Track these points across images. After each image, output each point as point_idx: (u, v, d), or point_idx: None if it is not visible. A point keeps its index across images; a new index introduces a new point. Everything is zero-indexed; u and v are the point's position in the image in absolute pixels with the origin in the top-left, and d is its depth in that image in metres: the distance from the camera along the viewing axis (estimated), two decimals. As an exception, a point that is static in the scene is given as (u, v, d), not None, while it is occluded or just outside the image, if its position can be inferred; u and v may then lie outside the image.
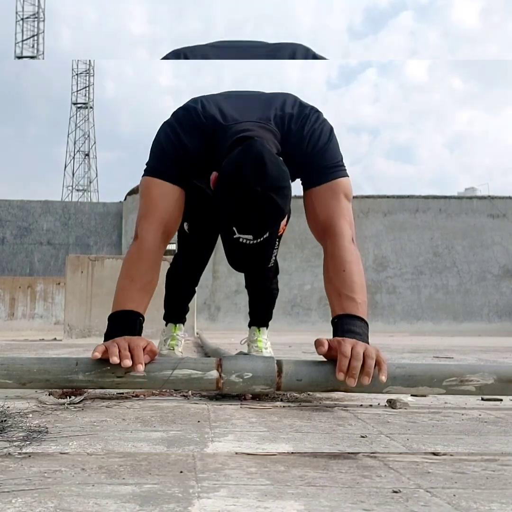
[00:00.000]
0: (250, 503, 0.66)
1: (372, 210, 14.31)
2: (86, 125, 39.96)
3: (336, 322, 1.53)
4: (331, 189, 1.61)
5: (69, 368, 1.43)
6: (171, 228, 1.67)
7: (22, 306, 11.16)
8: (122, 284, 1.59)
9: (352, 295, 1.54)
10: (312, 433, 1.10)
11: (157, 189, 1.63)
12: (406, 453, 0.94)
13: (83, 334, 6.36)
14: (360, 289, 1.57)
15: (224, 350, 2.86)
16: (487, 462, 0.88)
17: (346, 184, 1.65)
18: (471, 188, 17.03)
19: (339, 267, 1.57)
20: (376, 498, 0.69)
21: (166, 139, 1.64)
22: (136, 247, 1.62)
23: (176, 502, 0.66)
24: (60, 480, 0.74)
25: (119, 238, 14.42)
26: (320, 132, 1.62)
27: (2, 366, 1.42)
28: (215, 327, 12.39)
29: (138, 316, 1.55)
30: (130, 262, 1.61)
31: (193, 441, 1.01)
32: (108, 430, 1.09)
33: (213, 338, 5.85)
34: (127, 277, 1.59)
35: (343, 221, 1.61)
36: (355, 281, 1.56)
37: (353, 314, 1.52)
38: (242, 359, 1.49)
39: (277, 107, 1.63)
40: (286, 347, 4.56)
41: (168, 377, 1.42)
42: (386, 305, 14.10)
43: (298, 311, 13.62)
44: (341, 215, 1.61)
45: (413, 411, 1.40)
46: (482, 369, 1.47)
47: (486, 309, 14.12)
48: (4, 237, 14.41)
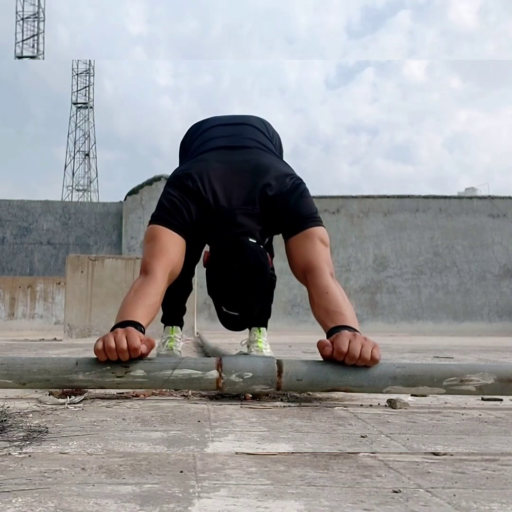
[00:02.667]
0: (250, 503, 0.66)
1: (372, 210, 14.31)
2: (86, 125, 39.97)
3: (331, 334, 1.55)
4: (307, 236, 1.79)
5: (69, 368, 1.43)
6: (176, 271, 1.80)
7: (22, 306, 11.15)
8: (128, 301, 1.64)
9: (340, 311, 1.61)
10: (312, 433, 1.10)
11: (165, 236, 1.78)
12: (406, 453, 0.94)
13: (83, 334, 6.36)
14: (346, 306, 1.64)
15: (224, 350, 2.85)
16: (487, 462, 0.88)
17: (321, 231, 1.83)
18: (471, 188, 17.01)
19: (322, 290, 1.68)
20: (376, 498, 0.69)
21: (171, 196, 1.82)
22: (144, 277, 1.71)
23: (176, 502, 0.66)
24: (60, 480, 0.74)
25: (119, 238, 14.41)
26: (296, 191, 1.84)
27: (2, 366, 1.42)
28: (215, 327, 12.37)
29: (140, 326, 1.56)
30: (138, 285, 1.69)
31: (193, 441, 1.01)
32: (108, 430, 1.09)
33: (213, 338, 5.85)
34: (134, 296, 1.65)
35: (320, 260, 1.75)
36: (339, 300, 1.64)
37: (346, 325, 1.56)
38: (242, 359, 1.49)
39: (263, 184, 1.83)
40: (286, 347, 4.56)
41: (168, 377, 1.42)
42: (386, 305, 14.09)
43: (298, 311, 13.61)
44: (318, 255, 1.76)
45: (413, 411, 1.40)
46: (482, 369, 1.47)
47: (486, 309, 14.11)
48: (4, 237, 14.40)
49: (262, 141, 2.13)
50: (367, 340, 1.46)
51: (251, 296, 1.74)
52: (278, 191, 1.82)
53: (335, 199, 14.21)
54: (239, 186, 1.83)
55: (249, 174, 1.86)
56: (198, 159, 1.97)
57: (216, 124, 2.21)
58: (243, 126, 2.19)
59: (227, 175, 1.86)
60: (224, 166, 1.89)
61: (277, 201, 1.81)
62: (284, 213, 1.82)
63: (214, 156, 1.96)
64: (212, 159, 1.94)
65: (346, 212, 14.21)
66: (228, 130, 2.15)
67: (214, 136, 2.11)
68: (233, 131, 2.14)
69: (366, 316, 13.53)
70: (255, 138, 2.12)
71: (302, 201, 1.84)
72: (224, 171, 1.87)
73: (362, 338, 1.47)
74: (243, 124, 2.20)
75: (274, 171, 1.90)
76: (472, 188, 17.00)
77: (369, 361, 1.43)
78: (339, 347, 1.43)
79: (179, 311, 2.62)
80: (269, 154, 2.07)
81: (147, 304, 1.63)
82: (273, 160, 2.02)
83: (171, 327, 2.61)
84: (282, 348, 4.16)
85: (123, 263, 6.62)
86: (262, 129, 2.23)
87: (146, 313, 1.61)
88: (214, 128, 2.18)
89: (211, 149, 2.02)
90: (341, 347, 1.43)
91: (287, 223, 1.82)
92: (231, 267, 1.69)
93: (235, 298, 1.73)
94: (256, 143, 2.08)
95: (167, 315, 2.62)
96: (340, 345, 1.43)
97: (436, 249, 14.29)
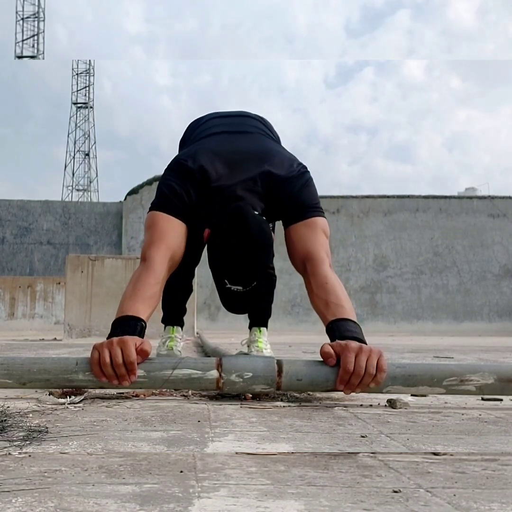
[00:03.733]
0: (250, 503, 0.66)
1: (372, 210, 14.31)
2: (86, 125, 39.98)
3: (331, 327, 1.56)
4: (309, 226, 1.78)
5: (69, 368, 1.43)
6: (176, 257, 1.76)
7: (22, 306, 11.15)
8: (128, 294, 1.62)
9: (340, 303, 1.60)
10: (312, 433, 1.10)
11: (164, 221, 1.75)
12: (406, 453, 0.94)
13: (83, 334, 6.36)
14: (346, 298, 1.63)
15: (224, 350, 2.85)
16: (487, 462, 0.88)
17: (324, 222, 1.81)
18: (471, 188, 17.01)
19: (321, 281, 1.66)
20: (376, 498, 0.69)
21: (170, 182, 1.79)
22: (143, 265, 1.69)
23: (176, 501, 0.66)
24: (60, 480, 0.74)
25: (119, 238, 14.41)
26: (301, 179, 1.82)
27: (2, 366, 1.42)
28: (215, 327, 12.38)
29: (140, 321, 1.55)
30: (137, 276, 1.67)
31: (193, 441, 1.01)
32: (108, 430, 1.09)
33: (213, 338, 5.85)
34: (133, 288, 1.63)
35: (321, 250, 1.73)
36: (338, 292, 1.63)
37: (346, 318, 1.56)
38: (242, 359, 1.49)
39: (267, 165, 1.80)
40: (286, 347, 4.56)
41: (168, 377, 1.42)
42: (386, 305, 14.09)
43: (298, 310, 13.61)
44: (320, 245, 1.75)
45: (413, 411, 1.40)
46: (482, 369, 1.47)
47: (486, 309, 14.11)
48: (4, 237, 14.40)
49: (263, 129, 2.12)
50: (373, 351, 1.41)
51: (254, 267, 1.68)
52: (284, 175, 1.79)
53: (335, 199, 14.20)
54: (241, 166, 1.79)
55: (252, 156, 1.83)
56: (198, 143, 1.95)
57: (216, 116, 2.20)
58: (243, 118, 2.17)
59: (228, 154, 1.83)
60: (225, 146, 1.86)
61: (281, 185, 1.78)
62: (287, 199, 1.78)
63: (215, 139, 1.94)
64: (213, 142, 1.91)
65: (346, 212, 14.21)
66: (228, 120, 2.14)
67: (213, 125, 2.10)
68: (234, 120, 2.13)
69: (366, 316, 13.53)
70: (256, 126, 2.11)
71: (306, 190, 1.81)
72: (226, 151, 1.84)
73: (368, 350, 1.40)
74: (244, 116, 2.19)
75: (278, 155, 1.87)
76: (472, 188, 17.00)
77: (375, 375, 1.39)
78: (345, 366, 1.39)
79: (179, 312, 2.62)
80: (271, 140, 2.05)
81: (147, 296, 1.60)
82: (276, 146, 1.99)
83: (172, 327, 2.60)
84: (282, 348, 4.16)
85: (123, 263, 6.62)
86: (262, 121, 2.22)
87: (147, 306, 1.59)
88: (213, 119, 2.17)
89: (211, 134, 2.00)
90: (347, 366, 1.38)
91: (290, 209, 1.79)
92: (232, 239, 1.64)
93: (238, 270, 1.67)
94: (257, 129, 2.07)
95: (168, 316, 2.61)
96: (347, 363, 1.38)
97: (436, 249, 14.29)
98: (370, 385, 1.42)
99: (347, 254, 13.97)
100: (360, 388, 1.42)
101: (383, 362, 1.41)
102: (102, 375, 1.41)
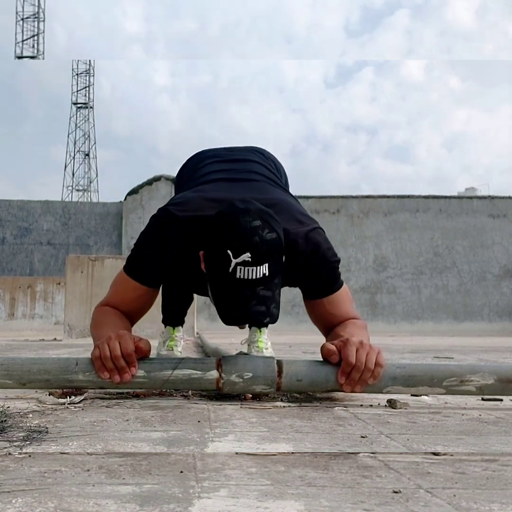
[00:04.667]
0: (250, 503, 0.66)
1: (372, 210, 14.30)
2: (86, 125, 39.98)
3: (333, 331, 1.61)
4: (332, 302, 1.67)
5: (69, 368, 1.43)
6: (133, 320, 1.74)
7: (22, 306, 11.14)
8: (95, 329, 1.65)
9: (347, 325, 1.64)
10: (312, 433, 1.10)
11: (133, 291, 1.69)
12: (406, 453, 0.94)
13: (83, 334, 6.35)
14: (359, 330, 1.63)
15: (224, 350, 2.85)
16: (488, 462, 0.88)
17: (345, 291, 1.71)
18: (471, 188, 17.00)
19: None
20: (376, 498, 0.69)
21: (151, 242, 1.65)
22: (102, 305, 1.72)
23: (176, 502, 0.66)
24: (60, 480, 0.74)
25: (119, 238, 14.41)
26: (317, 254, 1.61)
27: (2, 366, 1.42)
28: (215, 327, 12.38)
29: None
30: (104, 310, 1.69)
31: (193, 441, 1.01)
32: (108, 430, 1.09)
33: (213, 338, 5.85)
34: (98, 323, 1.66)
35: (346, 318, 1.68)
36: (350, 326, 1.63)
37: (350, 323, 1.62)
38: (242, 359, 1.49)
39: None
40: (286, 347, 4.56)
41: (168, 377, 1.42)
42: (387, 305, 14.08)
43: (298, 310, 13.59)
44: (346, 316, 1.68)
45: (413, 411, 1.40)
46: (482, 369, 1.47)
47: (486, 309, 14.11)
48: (4, 237, 14.39)
49: (268, 175, 1.94)
50: (372, 348, 1.44)
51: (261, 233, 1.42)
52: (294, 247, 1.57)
53: (335, 199, 14.20)
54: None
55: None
56: (194, 190, 1.77)
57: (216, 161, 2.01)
58: (247, 163, 1.98)
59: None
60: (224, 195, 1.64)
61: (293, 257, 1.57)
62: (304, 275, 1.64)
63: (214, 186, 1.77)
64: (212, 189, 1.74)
65: (346, 212, 14.21)
66: (229, 165, 1.95)
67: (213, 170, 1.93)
68: (236, 166, 1.94)
69: (366, 316, 13.52)
70: (261, 172, 1.93)
71: (325, 267, 1.64)
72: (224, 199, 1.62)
73: (367, 346, 1.44)
74: (248, 161, 2.00)
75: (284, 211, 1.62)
76: (472, 188, 17.00)
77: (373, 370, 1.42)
78: (347, 358, 1.41)
79: (180, 316, 2.62)
80: (277, 188, 1.87)
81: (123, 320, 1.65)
82: (282, 195, 1.81)
83: (172, 328, 2.60)
84: (282, 348, 4.16)
85: (123, 263, 6.58)
86: (269, 165, 2.05)
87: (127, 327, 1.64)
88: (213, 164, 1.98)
89: (210, 180, 1.84)
90: (349, 359, 1.41)
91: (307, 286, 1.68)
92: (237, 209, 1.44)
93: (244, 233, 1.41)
94: (263, 177, 1.89)
95: (168, 317, 2.61)
96: (349, 356, 1.41)
97: (436, 249, 14.29)
98: (369, 380, 1.43)
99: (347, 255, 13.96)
100: (359, 385, 1.44)
101: (381, 358, 1.44)
102: (104, 369, 1.42)
